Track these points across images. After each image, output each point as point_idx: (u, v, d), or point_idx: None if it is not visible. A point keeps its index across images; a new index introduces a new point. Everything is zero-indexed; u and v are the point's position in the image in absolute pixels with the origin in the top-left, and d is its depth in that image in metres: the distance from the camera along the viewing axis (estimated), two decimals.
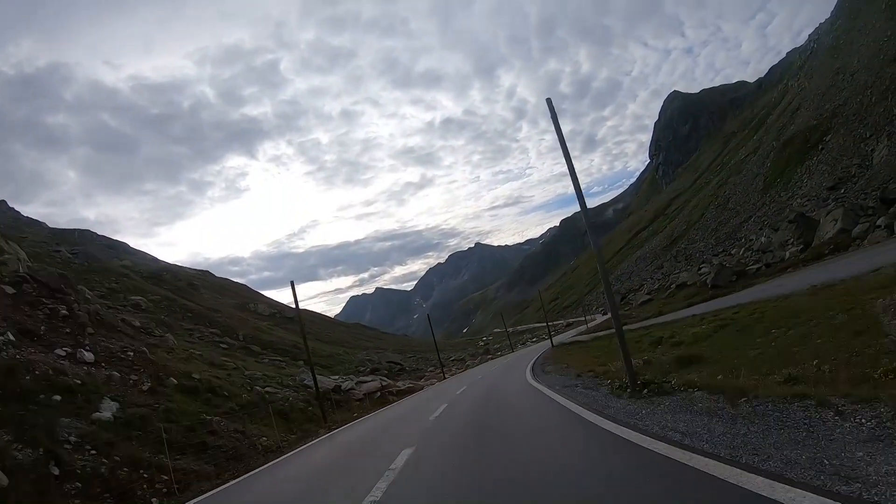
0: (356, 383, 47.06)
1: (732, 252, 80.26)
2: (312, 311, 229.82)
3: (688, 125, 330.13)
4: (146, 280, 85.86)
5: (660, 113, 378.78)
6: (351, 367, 73.59)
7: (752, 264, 58.33)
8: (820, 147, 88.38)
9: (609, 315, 17.87)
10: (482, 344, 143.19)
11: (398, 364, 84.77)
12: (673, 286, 75.77)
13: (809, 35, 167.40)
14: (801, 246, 52.48)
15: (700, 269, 74.12)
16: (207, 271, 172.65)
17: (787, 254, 53.58)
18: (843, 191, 68.27)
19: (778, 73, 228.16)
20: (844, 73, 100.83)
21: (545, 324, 79.25)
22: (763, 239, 65.66)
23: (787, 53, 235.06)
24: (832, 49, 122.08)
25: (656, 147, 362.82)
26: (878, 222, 42.45)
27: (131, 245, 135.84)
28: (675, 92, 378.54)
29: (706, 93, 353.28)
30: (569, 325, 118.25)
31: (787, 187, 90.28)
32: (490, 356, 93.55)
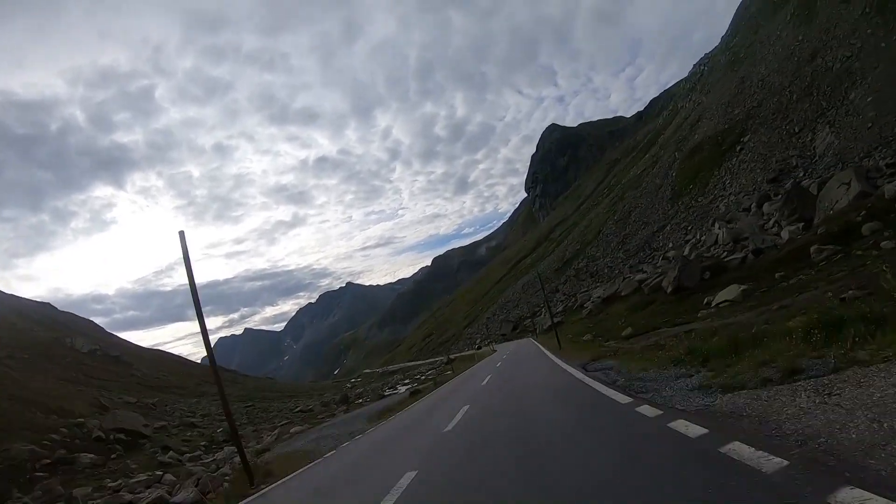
0: None
1: (656, 262, 70.82)
2: (164, 352, 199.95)
3: (566, 157, 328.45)
4: None
5: (537, 145, 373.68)
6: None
7: (726, 256, 38.19)
8: (738, 148, 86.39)
9: None
10: (349, 387, 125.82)
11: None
12: (590, 301, 57.62)
13: (694, 64, 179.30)
14: (801, 224, 34.28)
15: (639, 275, 54.24)
16: (48, 303, 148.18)
17: (785, 234, 34.62)
18: (788, 182, 61.84)
19: (659, 104, 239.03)
20: (751, 80, 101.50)
21: (419, 361, 57.25)
22: (719, 232, 46.90)
23: (668, 87, 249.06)
24: (730, 64, 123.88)
25: (533, 179, 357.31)
26: None
27: None
28: (554, 125, 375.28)
29: (584, 126, 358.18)
30: (450, 362, 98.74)
31: (705, 191, 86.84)
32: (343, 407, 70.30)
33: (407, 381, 79.93)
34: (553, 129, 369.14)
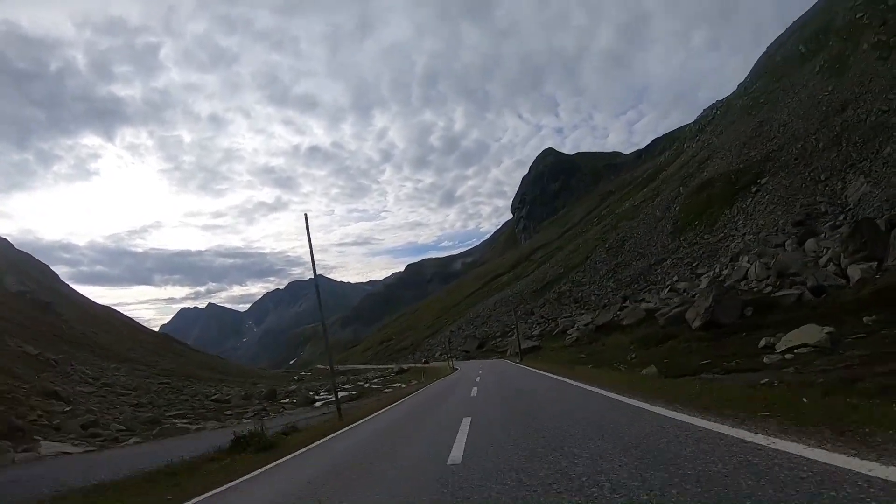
0: None
1: (661, 293, 62.22)
2: (116, 312, 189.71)
3: (558, 182, 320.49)
4: None
5: (530, 167, 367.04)
6: None
7: (770, 291, 29.95)
8: (754, 189, 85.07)
9: None
10: (296, 380, 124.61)
11: None
12: (575, 328, 48.88)
13: (704, 109, 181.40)
14: (874, 262, 27.45)
15: (644, 304, 45.56)
16: (5, 238, 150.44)
17: (855, 272, 27.00)
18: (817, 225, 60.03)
19: (661, 145, 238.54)
20: (770, 125, 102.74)
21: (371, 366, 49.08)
22: (750, 266, 39.11)
23: (671, 132, 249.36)
24: (748, 108, 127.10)
25: (521, 200, 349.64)
26: None
27: None
28: (550, 149, 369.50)
29: (581, 155, 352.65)
30: (402, 372, 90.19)
31: (713, 229, 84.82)
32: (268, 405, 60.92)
33: (348, 386, 71.04)
34: (549, 153, 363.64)
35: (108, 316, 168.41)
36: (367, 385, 68.43)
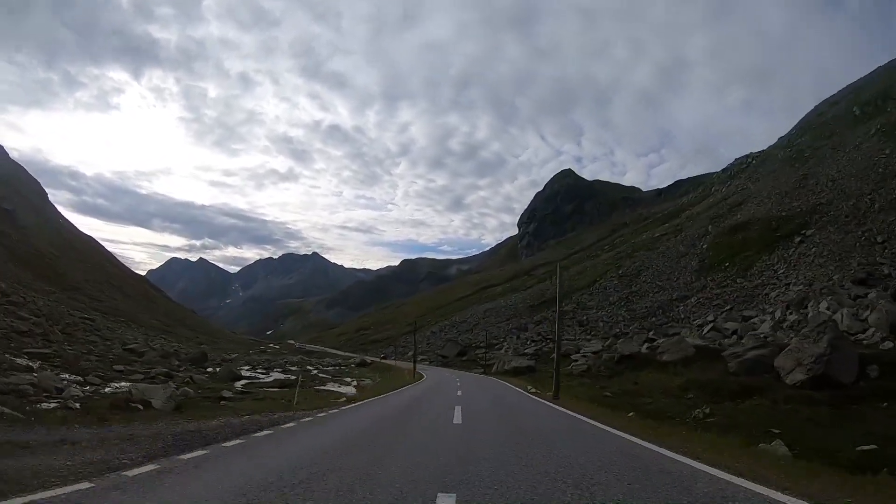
0: None
1: (701, 330, 55.31)
2: (96, 244, 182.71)
3: (572, 205, 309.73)
4: None
5: (546, 185, 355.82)
6: None
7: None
8: (797, 239, 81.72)
9: None
10: (259, 350, 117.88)
11: None
12: (581, 354, 41.51)
13: (735, 158, 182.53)
14: None
15: (693, 338, 36.60)
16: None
17: None
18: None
19: (684, 187, 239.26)
20: (817, 179, 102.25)
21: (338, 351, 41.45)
22: (831, 313, 29.61)
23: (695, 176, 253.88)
24: (791, 160, 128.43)
25: (530, 216, 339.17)
26: None
27: None
28: (569, 170, 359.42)
29: (599, 183, 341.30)
30: (363, 366, 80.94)
31: (748, 274, 79.97)
32: None
33: (295, 369, 61.43)
34: (567, 174, 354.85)
35: (86, 246, 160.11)
36: (299, 374, 58.94)
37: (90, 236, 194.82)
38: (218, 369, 45.43)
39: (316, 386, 35.33)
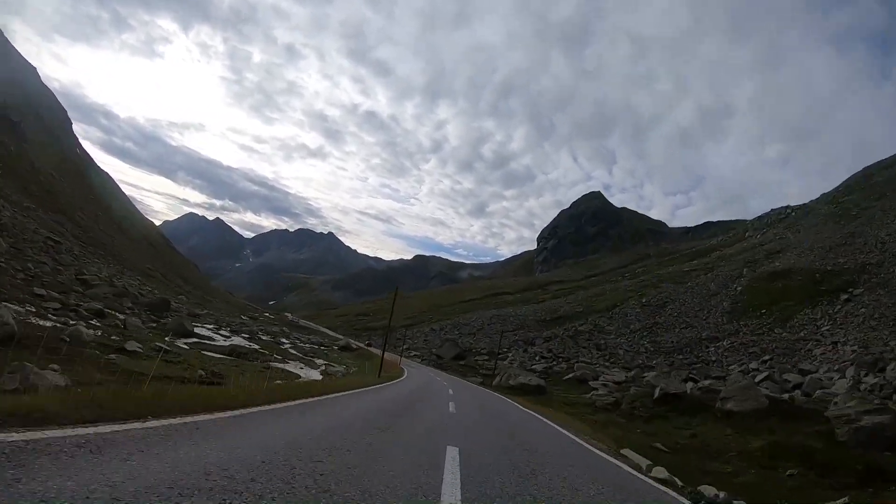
0: None
1: (751, 374, 51.41)
2: (115, 186, 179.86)
3: (596, 228, 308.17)
4: None
5: (573, 203, 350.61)
6: None
7: None
8: (843, 297, 77.19)
9: None
10: (251, 317, 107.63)
11: None
12: (601, 383, 36.93)
13: (773, 209, 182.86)
14: None
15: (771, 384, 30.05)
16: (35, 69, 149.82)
17: None
18: None
19: (712, 230, 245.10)
20: (865, 238, 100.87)
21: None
22: None
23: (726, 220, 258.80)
24: (836, 216, 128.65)
25: (551, 232, 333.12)
26: None
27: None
28: (598, 193, 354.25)
29: (626, 211, 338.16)
30: (346, 350, 75.42)
31: (788, 325, 74.40)
32: None
33: (266, 339, 54.95)
34: (596, 196, 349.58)
35: (97, 181, 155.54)
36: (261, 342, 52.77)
37: (107, 174, 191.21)
38: (173, 318, 39.40)
39: (280, 362, 29.30)
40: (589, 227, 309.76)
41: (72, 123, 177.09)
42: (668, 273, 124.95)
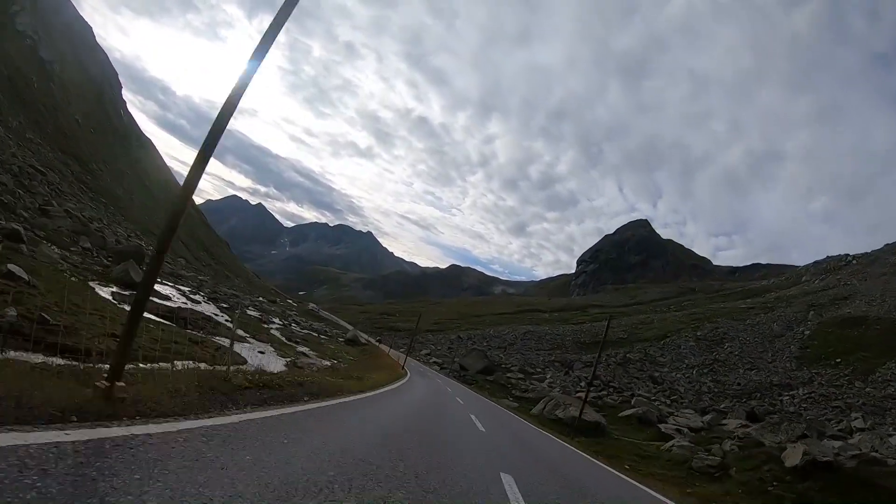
0: None
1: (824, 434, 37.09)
2: (163, 164, 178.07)
3: (639, 257, 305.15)
4: None
5: (617, 230, 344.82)
6: None
7: None
8: None
9: None
10: (269, 301, 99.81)
11: None
12: (677, 430, 30.40)
13: (829, 256, 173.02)
14: None
15: None
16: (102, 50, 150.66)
17: None
18: None
19: (761, 271, 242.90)
20: None
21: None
22: None
23: (779, 264, 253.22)
24: None
25: (593, 255, 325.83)
26: None
27: None
28: (645, 221, 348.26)
29: (672, 243, 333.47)
30: (352, 343, 66.45)
31: (871, 380, 65.84)
32: None
33: (225, 306, 46.85)
34: (642, 224, 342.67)
35: (139, 147, 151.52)
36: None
37: (152, 143, 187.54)
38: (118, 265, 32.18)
39: (239, 341, 21.79)
40: (631, 255, 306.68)
41: (121, 87, 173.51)
42: (723, 309, 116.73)
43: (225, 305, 42.25)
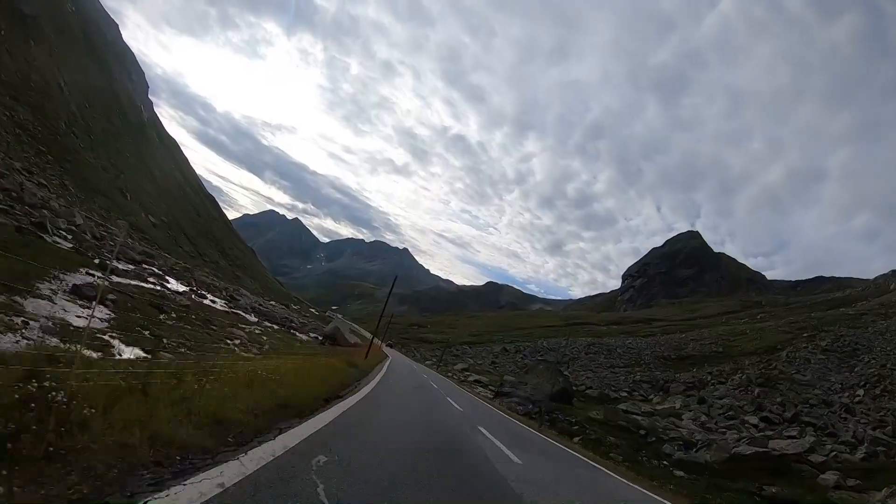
0: None
1: None
2: (196, 175, 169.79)
3: (692, 270, 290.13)
4: None
5: (666, 241, 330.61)
6: None
7: None
8: None
9: None
10: (294, 307, 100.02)
11: None
12: None
13: None
14: None
15: None
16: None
17: None
18: None
19: (827, 285, 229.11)
20: None
21: None
22: None
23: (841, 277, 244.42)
24: None
25: (640, 269, 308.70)
26: None
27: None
28: (697, 233, 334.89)
29: (725, 257, 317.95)
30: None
31: None
32: None
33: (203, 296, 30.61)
34: (694, 236, 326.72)
35: (161, 146, 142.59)
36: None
37: (177, 145, 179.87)
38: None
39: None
40: (682, 269, 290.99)
41: (148, 87, 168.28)
42: (831, 315, 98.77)
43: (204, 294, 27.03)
